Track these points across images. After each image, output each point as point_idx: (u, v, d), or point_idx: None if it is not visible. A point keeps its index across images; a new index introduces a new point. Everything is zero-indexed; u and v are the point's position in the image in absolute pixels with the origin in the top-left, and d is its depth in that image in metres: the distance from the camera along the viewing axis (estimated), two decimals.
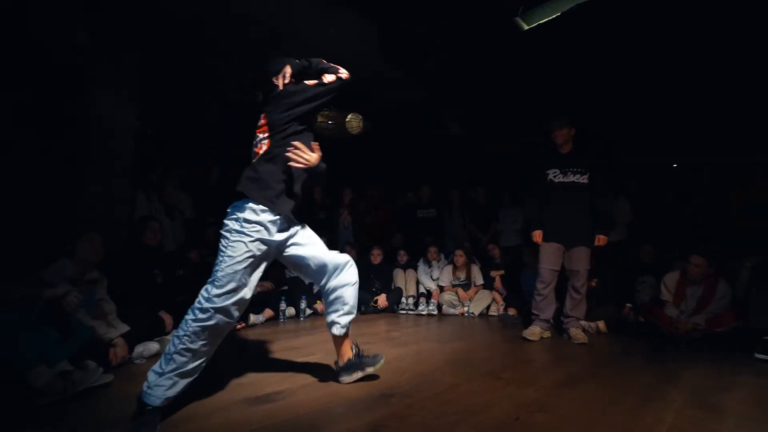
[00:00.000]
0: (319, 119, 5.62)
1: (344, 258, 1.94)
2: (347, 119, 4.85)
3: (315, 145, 1.83)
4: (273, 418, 1.55)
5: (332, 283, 1.90)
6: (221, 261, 1.59)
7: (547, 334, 3.17)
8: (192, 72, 4.70)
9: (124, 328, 2.26)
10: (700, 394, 1.90)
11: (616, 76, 4.67)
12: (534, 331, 3.07)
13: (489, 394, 1.86)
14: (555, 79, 4.85)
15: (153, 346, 2.40)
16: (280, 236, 1.72)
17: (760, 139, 4.17)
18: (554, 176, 3.17)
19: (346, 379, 1.98)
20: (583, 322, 3.45)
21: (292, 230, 1.81)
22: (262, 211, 1.64)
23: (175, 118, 5.05)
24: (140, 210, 3.57)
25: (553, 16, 4.03)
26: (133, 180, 3.60)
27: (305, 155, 1.71)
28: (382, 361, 2.07)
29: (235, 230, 1.60)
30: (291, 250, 1.83)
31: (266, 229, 1.64)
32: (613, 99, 5.01)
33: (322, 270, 1.89)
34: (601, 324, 3.37)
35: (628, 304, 3.66)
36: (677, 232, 4.19)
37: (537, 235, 3.19)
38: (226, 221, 1.65)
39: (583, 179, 3.09)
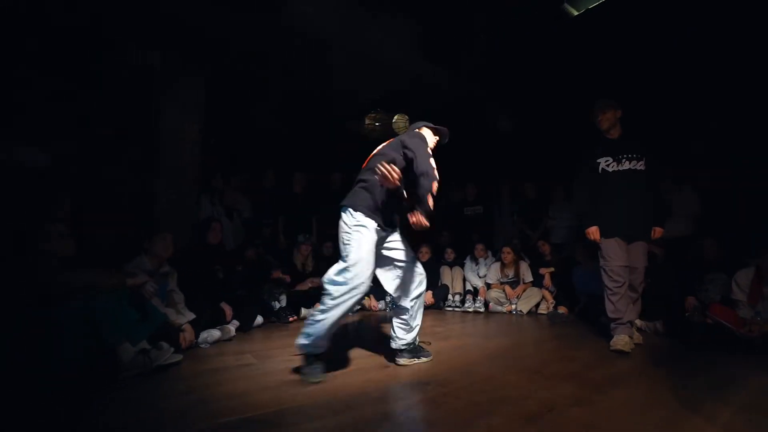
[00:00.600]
0: (367, 121, 5.80)
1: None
2: (394, 120, 5.01)
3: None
4: (315, 397, 1.70)
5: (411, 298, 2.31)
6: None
7: (637, 338, 2.84)
8: (245, 83, 5.10)
9: (191, 315, 2.55)
10: (765, 399, 1.75)
11: (679, 59, 4.32)
12: (624, 340, 2.62)
13: (525, 388, 1.87)
14: (606, 68, 4.59)
15: (215, 333, 2.68)
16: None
17: None
18: (607, 165, 2.85)
19: (403, 361, 2.25)
20: (639, 322, 3.26)
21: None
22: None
23: (234, 127, 5.50)
24: (204, 212, 3.96)
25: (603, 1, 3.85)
26: (199, 185, 3.99)
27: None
28: (431, 358, 2.34)
29: None
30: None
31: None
32: (678, 78, 4.63)
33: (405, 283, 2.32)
34: (660, 324, 3.15)
35: (690, 297, 3.36)
36: (753, 226, 3.77)
37: (593, 232, 2.87)
38: None
39: (640, 165, 2.77)
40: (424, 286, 2.36)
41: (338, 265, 2.05)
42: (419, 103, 5.73)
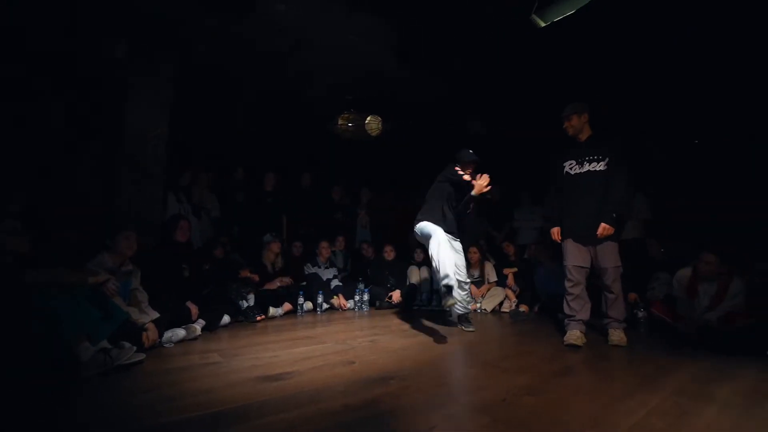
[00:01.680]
0: (340, 122, 5.84)
1: None
2: (366, 121, 5.05)
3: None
4: (281, 392, 1.74)
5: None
6: None
7: (621, 340, 2.89)
8: (216, 81, 5.02)
9: (155, 314, 2.52)
10: (692, 385, 1.94)
11: (637, 71, 4.62)
12: (576, 335, 2.81)
13: (483, 380, 1.98)
14: (574, 76, 4.84)
15: (180, 332, 2.65)
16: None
17: None
18: (570, 168, 2.99)
19: (467, 327, 3.29)
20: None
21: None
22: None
23: (203, 124, 5.39)
24: (170, 209, 3.88)
25: (570, 13, 4.06)
26: (165, 182, 3.90)
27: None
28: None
29: None
30: None
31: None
32: (632, 94, 4.96)
33: None
34: None
35: (632, 294, 3.62)
36: (695, 230, 4.10)
37: (555, 233, 3.05)
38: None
39: (600, 166, 2.85)
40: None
41: None
42: (393, 105, 5.83)
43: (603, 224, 2.78)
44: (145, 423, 1.43)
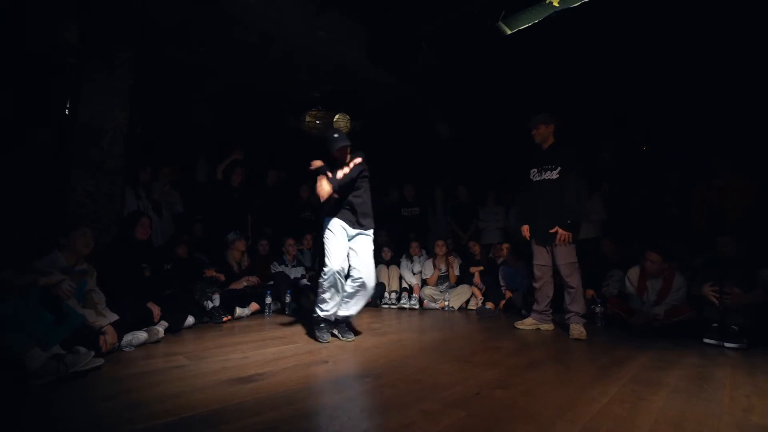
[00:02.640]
0: (308, 119, 5.77)
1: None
2: (335, 119, 5.04)
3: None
4: (255, 394, 1.69)
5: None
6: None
7: (546, 326, 3.28)
8: (179, 72, 4.80)
9: (113, 316, 2.38)
10: (645, 373, 2.09)
11: (596, 74, 4.89)
12: (525, 322, 3.31)
13: (456, 375, 2.03)
14: (540, 80, 5.06)
15: (141, 335, 2.52)
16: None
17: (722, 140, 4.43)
18: (533, 175, 3.28)
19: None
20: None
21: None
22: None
23: (163, 117, 5.14)
24: (129, 206, 3.67)
25: (534, 22, 4.23)
26: (123, 177, 3.68)
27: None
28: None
29: None
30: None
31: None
32: (595, 100, 5.26)
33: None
34: None
35: (589, 290, 3.86)
36: (644, 230, 4.42)
37: (525, 230, 3.36)
38: None
39: (554, 174, 3.14)
40: None
41: None
42: (361, 103, 5.82)
43: (560, 230, 3.06)
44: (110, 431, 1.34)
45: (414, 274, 4.84)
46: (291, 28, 4.15)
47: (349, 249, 2.83)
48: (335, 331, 2.85)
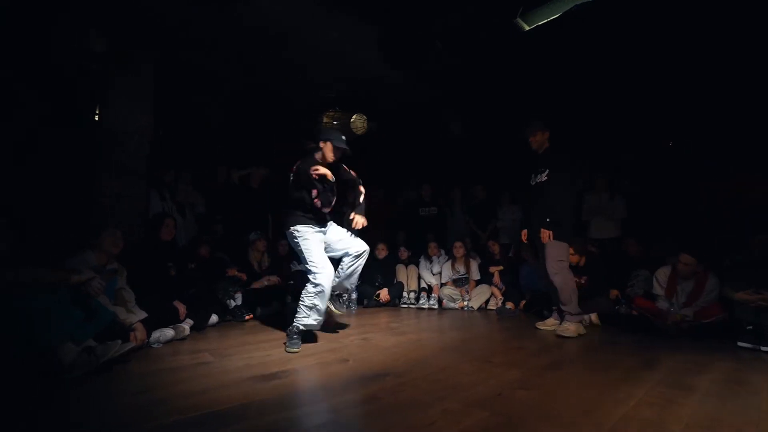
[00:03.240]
0: (325, 120, 5.83)
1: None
2: (352, 120, 5.09)
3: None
4: (278, 391, 1.72)
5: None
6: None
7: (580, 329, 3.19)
8: (198, 76, 4.92)
9: (143, 314, 2.45)
10: (674, 376, 2.03)
11: (616, 74, 4.77)
12: (546, 322, 3.30)
13: (477, 375, 2.02)
14: (557, 77, 4.97)
15: (168, 333, 2.60)
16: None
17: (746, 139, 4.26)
18: (530, 180, 3.41)
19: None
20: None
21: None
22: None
23: (184, 120, 5.27)
24: (154, 207, 3.78)
25: (554, 17, 4.15)
26: (147, 179, 3.80)
27: None
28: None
29: None
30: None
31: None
32: (612, 97, 5.12)
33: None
34: (594, 316, 3.48)
35: (613, 290, 3.77)
36: (671, 229, 4.28)
37: (524, 234, 3.48)
38: None
39: (544, 177, 3.25)
40: None
41: None
42: (376, 103, 5.84)
43: (542, 230, 3.15)
44: (138, 427, 1.39)
45: (433, 274, 4.81)
46: (305, 30, 4.19)
47: (326, 243, 2.78)
48: (332, 306, 2.90)
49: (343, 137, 2.80)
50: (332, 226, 2.90)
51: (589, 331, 3.27)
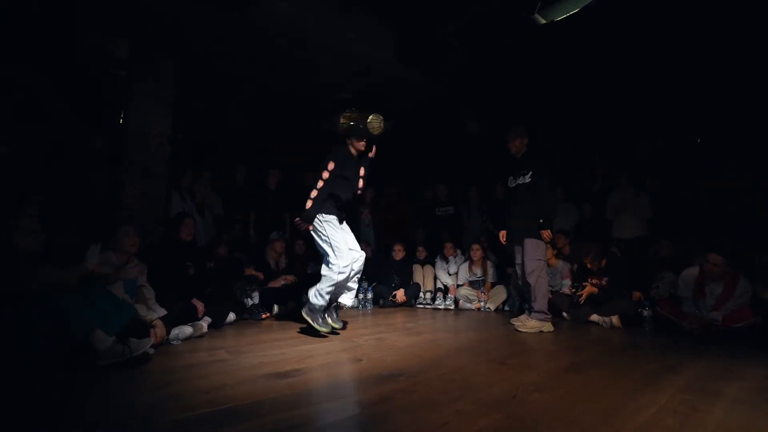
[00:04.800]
0: (342, 120, 5.92)
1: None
2: (369, 119, 5.16)
3: None
4: (292, 389, 1.74)
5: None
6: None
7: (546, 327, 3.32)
8: (216, 79, 5.01)
9: (162, 311, 2.52)
10: (701, 382, 1.95)
11: (637, 70, 4.63)
12: (520, 318, 3.42)
13: (492, 376, 1.98)
14: (571, 76, 4.86)
15: (187, 330, 2.65)
16: None
17: None
18: (510, 182, 3.54)
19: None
20: (596, 317, 3.49)
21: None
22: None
23: (203, 122, 5.39)
24: (175, 208, 3.87)
25: (573, 12, 4.06)
26: (167, 180, 3.90)
27: None
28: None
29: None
30: None
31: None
32: (633, 92, 4.97)
33: None
34: (615, 319, 3.39)
35: (636, 292, 3.66)
36: (696, 228, 4.11)
37: (502, 235, 3.63)
38: None
39: (526, 179, 3.35)
40: None
41: None
42: (392, 103, 5.82)
43: (543, 232, 3.21)
44: (157, 421, 1.42)
45: (450, 275, 4.77)
46: (320, 31, 4.21)
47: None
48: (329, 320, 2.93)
49: (361, 126, 3.16)
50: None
51: (611, 334, 3.19)
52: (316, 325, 2.78)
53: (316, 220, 2.87)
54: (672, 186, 4.69)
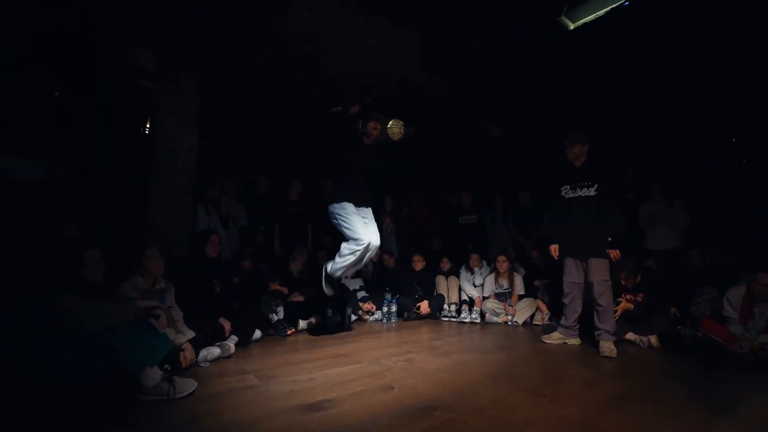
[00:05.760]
0: (361, 125, 5.85)
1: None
2: (389, 125, 5.10)
3: None
4: (326, 426, 1.68)
5: None
6: None
7: (572, 341, 3.30)
8: (237, 87, 5.02)
9: (191, 333, 2.51)
10: (759, 426, 1.80)
11: (667, 73, 4.42)
12: (552, 336, 3.39)
13: (531, 412, 1.88)
14: (598, 80, 4.68)
15: (215, 351, 2.64)
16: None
17: None
18: (566, 192, 3.30)
19: None
20: (632, 336, 3.34)
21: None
22: None
23: (227, 133, 5.42)
24: (200, 222, 3.89)
25: (600, 14, 3.90)
26: (194, 194, 3.91)
27: None
28: None
29: None
30: None
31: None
32: (662, 91, 4.75)
33: None
34: (654, 339, 3.21)
35: (674, 309, 3.48)
36: (742, 241, 3.87)
37: (553, 249, 3.39)
38: None
39: (591, 192, 3.15)
40: None
41: None
42: (413, 108, 5.73)
43: (611, 251, 3.07)
44: None
45: (475, 286, 4.66)
46: (342, 38, 4.16)
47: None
48: None
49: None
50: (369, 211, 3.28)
51: (650, 357, 3.03)
52: (326, 288, 3.12)
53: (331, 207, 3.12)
54: (711, 194, 4.43)
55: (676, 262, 4.09)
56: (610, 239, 3.04)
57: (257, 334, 3.21)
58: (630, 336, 3.36)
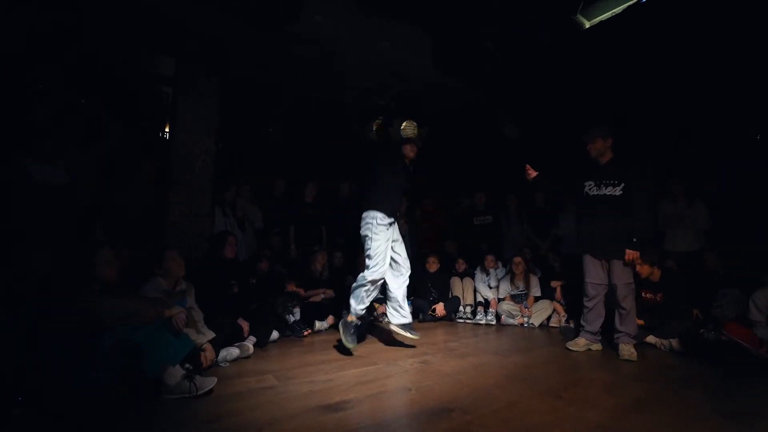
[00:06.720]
0: (375, 128, 5.88)
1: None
2: (402, 127, 5.12)
3: None
4: (345, 427, 1.71)
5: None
6: None
7: (596, 346, 3.18)
8: (252, 91, 5.10)
9: (211, 334, 2.56)
10: None
11: (687, 70, 4.32)
12: (578, 342, 3.18)
13: (549, 415, 1.87)
14: (612, 74, 4.60)
15: (234, 351, 2.69)
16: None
17: None
18: (589, 189, 3.17)
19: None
20: (653, 339, 3.27)
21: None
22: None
23: (240, 134, 5.51)
24: (218, 224, 3.96)
25: (617, 11, 3.84)
26: (211, 197, 3.99)
27: None
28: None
29: None
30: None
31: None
32: (680, 86, 4.63)
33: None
34: (675, 342, 3.14)
35: (695, 310, 3.40)
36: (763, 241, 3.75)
37: (528, 169, 3.45)
38: None
39: (618, 191, 3.03)
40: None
41: None
42: (426, 109, 5.73)
43: (627, 250, 2.94)
44: None
45: (490, 288, 4.62)
46: (356, 40, 4.19)
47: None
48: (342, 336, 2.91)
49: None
50: (395, 226, 3.15)
51: (672, 361, 2.97)
52: (344, 339, 2.84)
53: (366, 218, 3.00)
54: (734, 193, 4.31)
55: (696, 263, 3.99)
56: (634, 240, 2.93)
57: (274, 334, 3.26)
58: (650, 339, 3.30)
